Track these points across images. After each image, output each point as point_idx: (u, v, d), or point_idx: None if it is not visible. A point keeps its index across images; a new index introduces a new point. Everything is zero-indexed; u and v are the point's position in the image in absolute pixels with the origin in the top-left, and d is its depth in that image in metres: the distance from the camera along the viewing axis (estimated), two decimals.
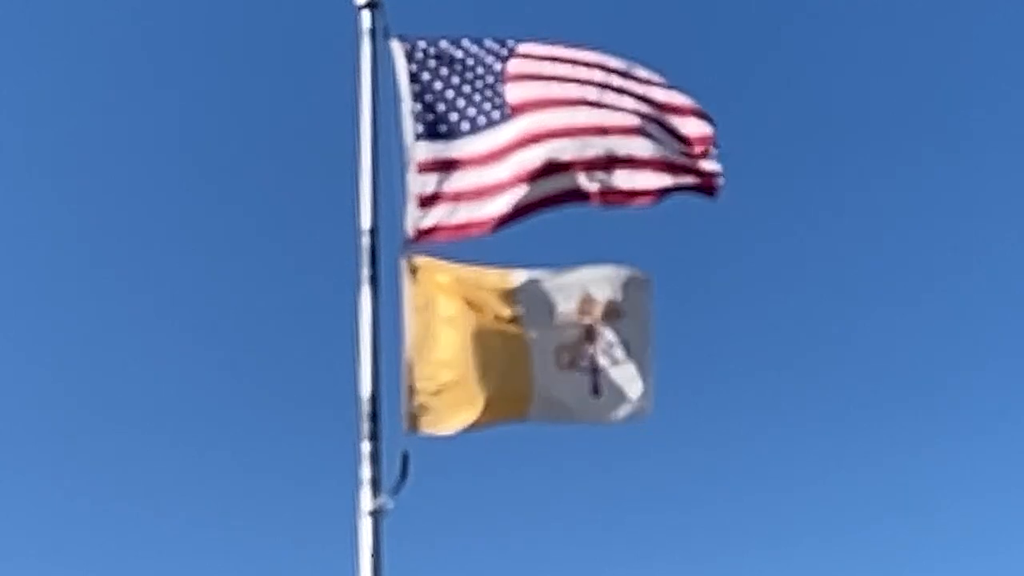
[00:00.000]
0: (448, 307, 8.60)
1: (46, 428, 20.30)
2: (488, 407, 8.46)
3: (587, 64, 9.05)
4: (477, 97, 8.95)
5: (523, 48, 9.09)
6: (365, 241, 8.54)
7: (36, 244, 21.37)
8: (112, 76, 21.71)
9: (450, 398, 8.44)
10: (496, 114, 8.92)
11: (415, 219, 8.66)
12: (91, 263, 21.45)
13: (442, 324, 8.56)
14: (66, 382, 20.77)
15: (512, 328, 8.63)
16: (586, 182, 8.80)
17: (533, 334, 8.65)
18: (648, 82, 9.08)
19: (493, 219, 8.71)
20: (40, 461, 20.00)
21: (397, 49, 8.99)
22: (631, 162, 8.81)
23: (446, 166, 8.78)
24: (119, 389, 20.88)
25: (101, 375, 21.11)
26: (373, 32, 8.98)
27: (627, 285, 8.80)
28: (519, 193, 8.71)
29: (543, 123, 8.83)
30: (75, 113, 21.57)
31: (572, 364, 8.66)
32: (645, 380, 8.71)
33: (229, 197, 21.76)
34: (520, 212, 8.73)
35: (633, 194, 8.82)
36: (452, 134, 8.86)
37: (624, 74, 9.06)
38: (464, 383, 8.47)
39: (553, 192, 8.79)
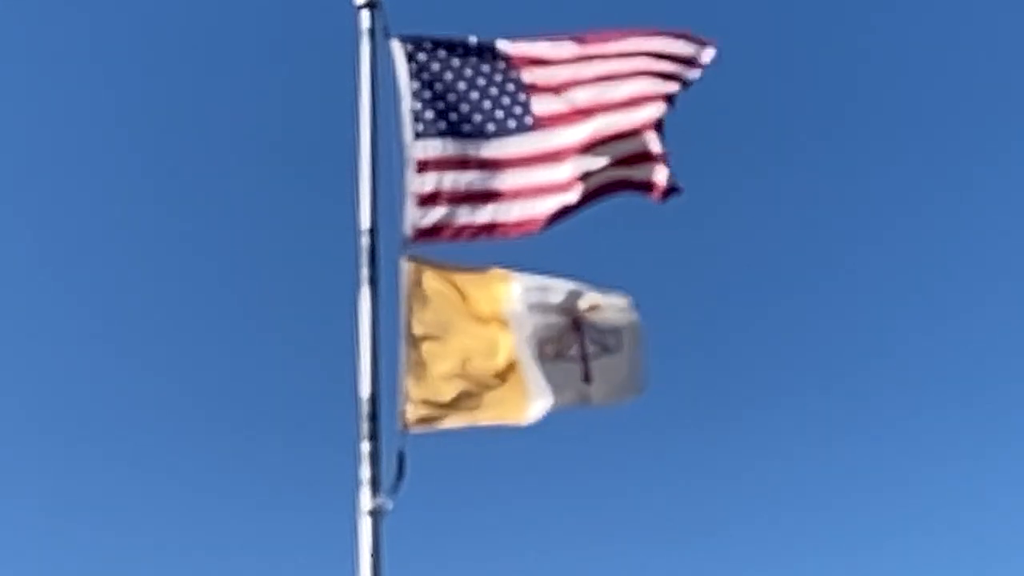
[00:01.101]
0: (446, 306, 8.60)
1: (46, 428, 20.32)
2: (487, 407, 8.47)
3: (595, 56, 9.04)
4: (487, 104, 8.95)
5: (519, 50, 9.06)
6: (364, 241, 8.54)
7: (35, 244, 21.39)
8: (111, 75, 21.73)
9: (450, 396, 8.45)
10: (512, 123, 8.92)
11: (414, 218, 8.67)
12: (90, 263, 21.46)
13: (442, 323, 8.57)
14: (65, 382, 20.79)
15: (502, 326, 8.63)
16: (612, 175, 8.85)
17: (519, 330, 8.63)
18: (633, 54, 9.06)
19: (526, 221, 8.75)
20: (40, 461, 20.02)
21: (397, 49, 8.99)
22: (648, 157, 8.85)
23: (447, 165, 8.78)
24: (118, 389, 20.90)
25: (100, 375, 21.12)
26: (372, 32, 8.98)
27: (610, 297, 8.82)
28: (544, 202, 8.75)
29: (572, 138, 8.86)
30: (74, 112, 21.59)
31: (559, 354, 8.65)
32: (637, 363, 8.74)
33: (229, 197, 21.79)
34: (544, 222, 8.77)
35: (648, 186, 8.88)
36: (453, 134, 8.86)
37: (621, 55, 9.05)
38: (462, 381, 8.48)
39: (578, 197, 8.83)
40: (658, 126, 8.89)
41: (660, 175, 8.82)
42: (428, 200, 8.70)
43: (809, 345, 22.15)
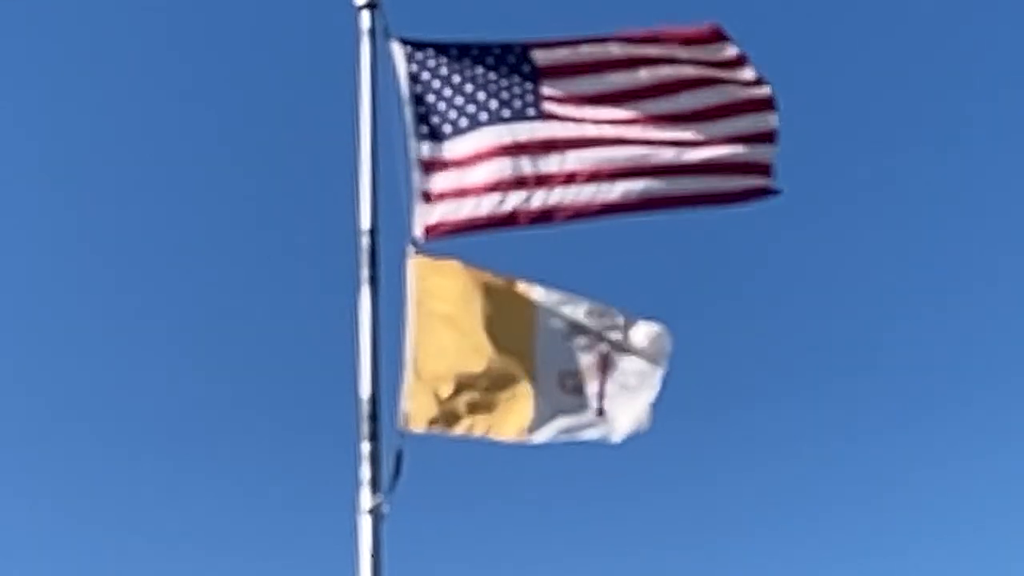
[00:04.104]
0: (454, 306, 8.60)
1: (44, 427, 20.33)
2: (490, 419, 8.46)
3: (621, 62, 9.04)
4: (482, 95, 8.96)
5: (541, 57, 9.05)
6: (365, 241, 8.54)
7: (34, 244, 21.40)
8: (111, 75, 21.73)
9: (453, 401, 8.44)
10: (507, 111, 8.93)
11: (421, 217, 8.68)
12: (90, 263, 21.47)
13: (447, 324, 8.56)
14: (65, 381, 20.80)
15: (523, 342, 8.62)
16: (621, 191, 8.84)
17: (543, 352, 8.62)
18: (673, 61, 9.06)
19: (506, 216, 8.76)
20: (39, 462, 20.03)
21: (397, 51, 9.00)
22: (679, 169, 8.89)
23: (449, 164, 8.79)
24: (118, 389, 20.91)
25: (100, 375, 21.13)
26: (373, 32, 8.99)
27: (644, 331, 8.78)
28: (540, 196, 8.76)
29: (577, 132, 8.88)
30: (74, 113, 21.60)
31: (577, 390, 8.62)
32: (649, 403, 8.70)
33: (228, 197, 21.78)
34: (538, 217, 8.77)
35: (679, 199, 8.91)
36: (455, 132, 8.86)
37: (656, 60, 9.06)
38: (466, 387, 8.47)
39: (584, 205, 8.82)
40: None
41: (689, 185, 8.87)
42: (436, 197, 8.71)
43: (808, 347, 22.15)
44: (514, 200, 8.77)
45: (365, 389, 8.25)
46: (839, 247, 22.39)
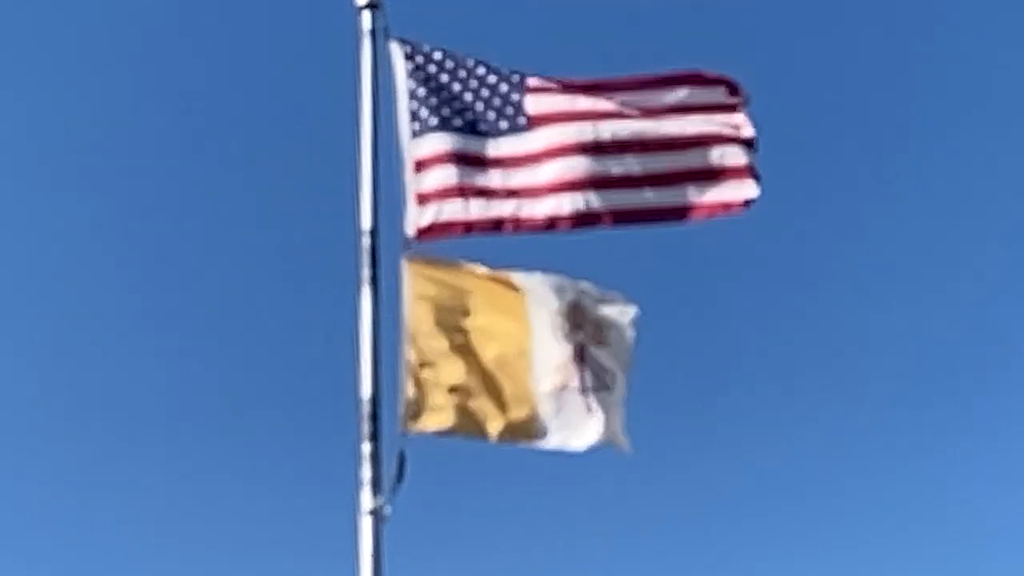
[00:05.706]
0: (451, 308, 8.60)
1: (44, 428, 20.33)
2: (491, 420, 8.45)
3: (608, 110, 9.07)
4: (480, 106, 8.97)
5: (534, 84, 9.07)
6: (365, 241, 8.55)
7: (36, 243, 21.40)
8: (111, 76, 21.74)
9: (452, 402, 8.44)
10: (504, 123, 8.94)
11: (414, 216, 8.68)
12: (90, 262, 21.48)
13: (445, 324, 8.56)
14: (65, 381, 20.80)
15: (518, 339, 8.62)
16: (612, 201, 8.84)
17: (538, 349, 8.63)
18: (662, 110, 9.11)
19: (499, 220, 8.75)
20: (38, 461, 20.02)
21: (396, 50, 9.02)
22: (666, 177, 8.89)
23: (444, 163, 8.80)
24: (118, 389, 20.90)
25: (100, 375, 21.13)
26: (373, 33, 9.01)
27: (614, 312, 8.79)
28: (529, 204, 8.76)
29: (568, 136, 8.89)
30: (74, 113, 21.61)
31: (564, 386, 8.61)
32: (620, 413, 8.70)
33: (229, 197, 21.79)
34: (531, 225, 8.78)
35: (678, 210, 8.92)
36: (449, 132, 8.87)
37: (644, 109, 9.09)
38: (465, 388, 8.46)
39: (577, 213, 8.81)
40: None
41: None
42: (428, 198, 8.71)
43: (796, 337, 22.17)
44: (507, 207, 8.77)
45: (366, 389, 8.24)
46: (825, 241, 22.44)
